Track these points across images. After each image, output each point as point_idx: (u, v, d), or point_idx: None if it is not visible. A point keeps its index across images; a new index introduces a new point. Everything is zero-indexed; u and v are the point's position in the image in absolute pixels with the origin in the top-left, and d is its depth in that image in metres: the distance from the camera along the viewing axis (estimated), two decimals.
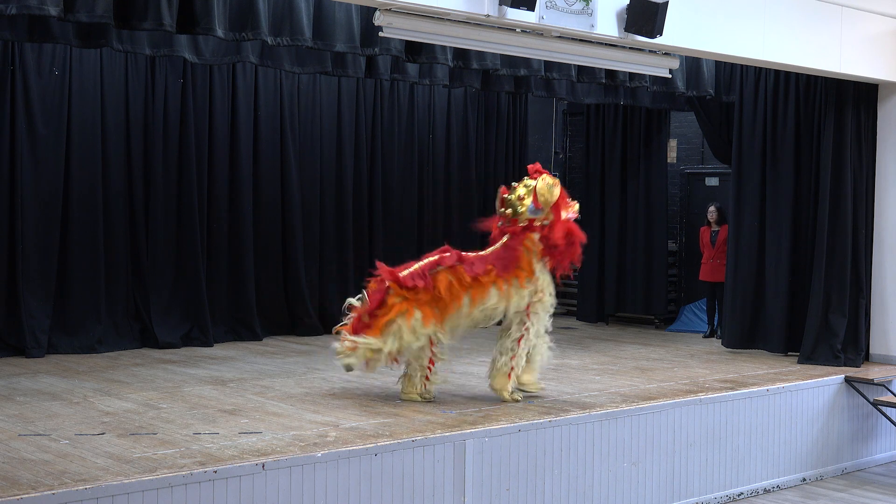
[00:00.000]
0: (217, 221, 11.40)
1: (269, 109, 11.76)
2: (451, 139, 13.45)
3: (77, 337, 10.25)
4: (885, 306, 10.47)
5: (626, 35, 8.10)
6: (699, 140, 14.13)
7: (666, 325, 13.60)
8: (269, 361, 9.93)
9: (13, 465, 5.80)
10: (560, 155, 16.06)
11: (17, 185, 10.02)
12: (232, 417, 7.19)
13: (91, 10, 7.15)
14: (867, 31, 9.90)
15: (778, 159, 10.78)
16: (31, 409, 7.38)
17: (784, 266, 10.69)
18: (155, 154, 10.89)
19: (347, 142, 12.45)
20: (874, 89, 10.46)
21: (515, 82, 11.34)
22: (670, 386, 8.79)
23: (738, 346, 11.00)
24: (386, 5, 7.23)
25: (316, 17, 8.47)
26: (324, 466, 6.15)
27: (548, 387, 8.61)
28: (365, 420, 7.15)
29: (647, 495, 7.85)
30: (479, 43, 8.11)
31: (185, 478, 5.63)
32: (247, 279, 11.54)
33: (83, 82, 10.38)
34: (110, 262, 10.60)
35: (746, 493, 8.59)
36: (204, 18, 7.64)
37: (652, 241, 13.62)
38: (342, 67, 10.06)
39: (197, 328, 10.97)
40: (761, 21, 9.04)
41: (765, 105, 10.86)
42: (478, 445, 6.83)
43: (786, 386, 9.01)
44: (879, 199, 10.52)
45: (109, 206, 10.60)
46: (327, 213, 12.31)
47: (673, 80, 10.62)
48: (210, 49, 9.44)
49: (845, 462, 9.51)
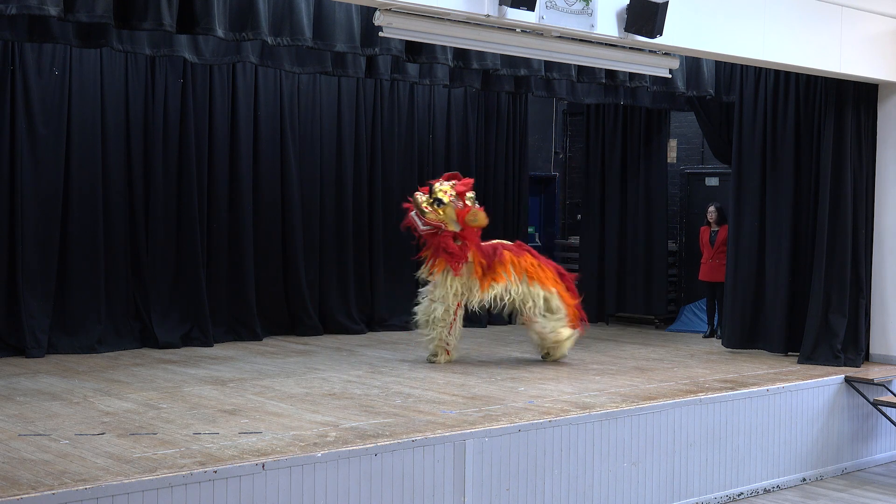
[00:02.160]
0: (217, 221, 11.40)
1: (269, 109, 11.76)
2: (451, 139, 13.45)
3: (77, 337, 10.25)
4: (885, 306, 10.47)
5: (626, 35, 8.10)
6: (699, 140, 14.13)
7: (666, 325, 13.60)
8: (269, 361, 9.93)
9: (13, 465, 5.80)
10: (560, 155, 16.07)
11: (17, 185, 10.02)
12: (232, 417, 7.19)
13: (91, 10, 7.15)
14: (867, 31, 9.91)
15: (778, 159, 10.78)
16: (31, 409, 7.38)
17: (784, 266, 10.69)
18: (155, 154, 10.89)
19: (347, 142, 12.45)
20: (874, 89, 10.46)
21: (515, 82, 11.34)
22: (670, 386, 8.79)
23: (738, 346, 11.01)
24: (386, 5, 7.24)
25: (316, 17, 8.47)
26: (324, 466, 6.15)
27: (548, 387, 8.63)
28: (365, 420, 7.15)
29: (647, 495, 7.85)
30: (479, 43, 8.11)
31: (185, 478, 5.63)
32: (247, 279, 11.54)
33: (83, 82, 10.38)
34: (110, 262, 10.60)
35: (746, 493, 8.60)
36: (204, 18, 7.63)
37: (652, 241, 13.62)
38: (342, 67, 10.06)
39: (197, 328, 10.97)
40: (761, 21, 9.04)
41: (765, 105, 10.86)
42: (478, 445, 6.83)
43: (786, 386, 9.01)
44: (879, 199, 10.53)
45: (109, 206, 10.60)
46: (327, 213, 12.31)
47: (673, 80, 10.62)
48: (210, 49, 9.44)
49: (845, 462, 9.51)
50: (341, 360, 10.03)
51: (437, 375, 9.14)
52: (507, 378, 9.10)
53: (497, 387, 8.63)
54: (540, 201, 16.17)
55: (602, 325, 13.72)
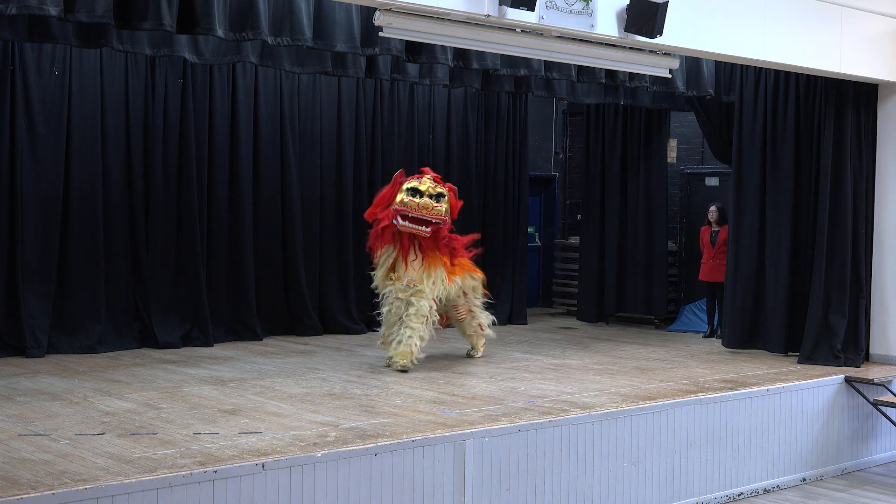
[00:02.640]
0: (217, 221, 11.39)
1: (269, 109, 11.75)
2: (451, 139, 13.44)
3: (77, 337, 10.25)
4: (885, 306, 10.47)
5: (626, 35, 8.10)
6: (699, 140, 14.14)
7: (666, 325, 13.60)
8: (269, 361, 9.93)
9: (13, 465, 5.80)
10: (560, 155, 16.08)
11: (17, 185, 10.02)
12: (232, 417, 7.19)
13: (91, 10, 7.15)
14: (867, 31, 9.91)
15: (778, 159, 10.78)
16: (31, 409, 7.38)
17: (784, 266, 10.69)
18: (155, 154, 10.88)
19: (347, 142, 12.44)
20: (874, 89, 10.46)
21: (515, 82, 11.34)
22: (670, 386, 8.79)
23: (738, 346, 11.01)
24: (386, 5, 7.24)
25: (316, 17, 8.47)
26: (324, 466, 6.15)
27: (548, 387, 8.63)
28: (365, 420, 7.15)
29: (647, 495, 7.85)
30: (479, 43, 8.11)
31: (185, 478, 5.64)
32: (247, 279, 11.54)
33: (83, 82, 10.38)
34: (110, 262, 10.60)
35: (746, 493, 8.60)
36: (204, 18, 7.63)
37: (652, 241, 13.62)
38: (342, 67, 10.06)
39: (197, 328, 10.97)
40: (761, 21, 9.04)
41: (765, 105, 10.86)
42: (478, 445, 6.83)
43: (786, 386, 9.01)
44: (879, 200, 10.53)
45: (109, 206, 10.60)
46: (327, 213, 12.31)
47: (673, 80, 10.62)
48: (210, 49, 9.44)
49: (845, 462, 9.51)
50: (341, 360, 10.03)
51: (437, 375, 9.14)
52: (507, 378, 9.10)
53: (497, 387, 8.63)
54: (540, 201, 16.18)
55: (602, 325, 13.72)
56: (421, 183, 9.31)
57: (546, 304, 15.81)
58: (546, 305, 15.81)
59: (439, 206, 9.28)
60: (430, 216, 9.23)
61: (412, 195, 9.22)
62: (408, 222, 9.21)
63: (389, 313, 9.47)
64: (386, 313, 9.53)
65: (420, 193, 9.23)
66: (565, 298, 15.25)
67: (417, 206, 9.19)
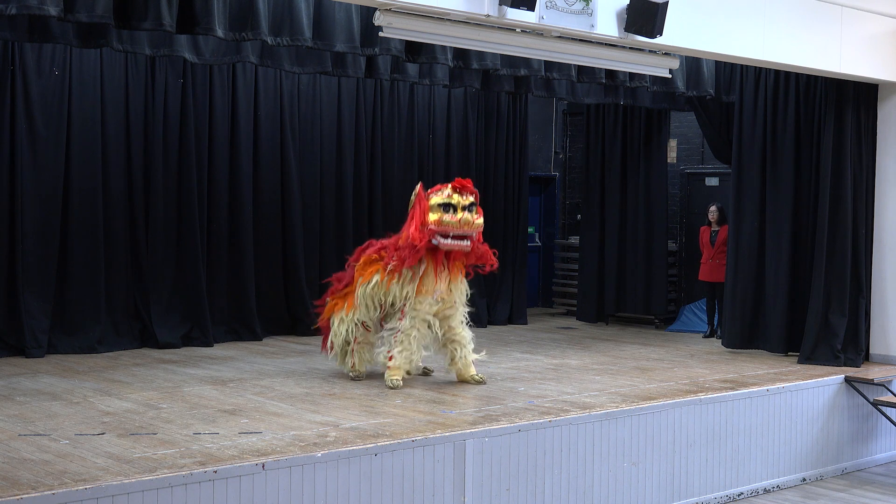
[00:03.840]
0: (217, 221, 11.39)
1: (269, 109, 11.75)
2: (451, 139, 13.44)
3: (77, 337, 10.25)
4: (885, 306, 10.47)
5: (626, 35, 8.10)
6: (699, 140, 14.14)
7: (666, 325, 13.60)
8: (269, 361, 9.93)
9: (13, 465, 5.80)
10: (560, 155, 16.08)
11: (17, 185, 10.02)
12: (232, 417, 7.19)
13: (91, 10, 7.15)
14: (867, 31, 9.91)
15: (778, 159, 10.78)
16: (31, 409, 7.38)
17: (784, 266, 10.69)
18: (155, 154, 10.88)
19: (347, 142, 12.44)
20: (874, 89, 10.46)
21: (515, 82, 11.35)
22: (670, 386, 8.79)
23: (738, 346, 11.01)
24: (386, 5, 7.24)
25: (316, 17, 8.47)
26: (324, 466, 6.15)
27: (548, 387, 8.63)
28: (365, 420, 7.15)
29: (647, 495, 7.85)
30: (479, 43, 8.11)
31: (185, 478, 5.64)
32: (247, 279, 11.54)
33: (83, 82, 10.38)
34: (110, 262, 10.60)
35: (746, 493, 8.60)
36: (204, 18, 7.64)
37: (652, 241, 13.61)
38: (342, 67, 10.06)
39: (197, 328, 10.97)
40: (761, 21, 9.05)
41: (765, 105, 10.86)
42: (478, 445, 6.83)
43: (786, 386, 9.01)
44: (879, 199, 10.53)
45: (109, 206, 10.60)
46: (327, 213, 12.31)
47: (673, 80, 10.62)
48: (210, 49, 9.43)
49: (845, 462, 9.51)
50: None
51: (437, 375, 9.13)
52: (507, 378, 9.10)
53: (497, 387, 8.63)
54: (540, 201, 16.18)
55: (602, 325, 13.72)
56: (449, 197, 8.68)
57: (546, 304, 15.82)
58: (546, 305, 15.81)
59: (477, 218, 8.73)
60: (471, 230, 8.70)
61: (446, 211, 8.59)
62: (449, 240, 8.60)
63: (411, 337, 8.66)
64: (407, 336, 8.66)
65: (454, 208, 8.61)
66: (565, 298, 15.25)
67: (459, 223, 8.59)
